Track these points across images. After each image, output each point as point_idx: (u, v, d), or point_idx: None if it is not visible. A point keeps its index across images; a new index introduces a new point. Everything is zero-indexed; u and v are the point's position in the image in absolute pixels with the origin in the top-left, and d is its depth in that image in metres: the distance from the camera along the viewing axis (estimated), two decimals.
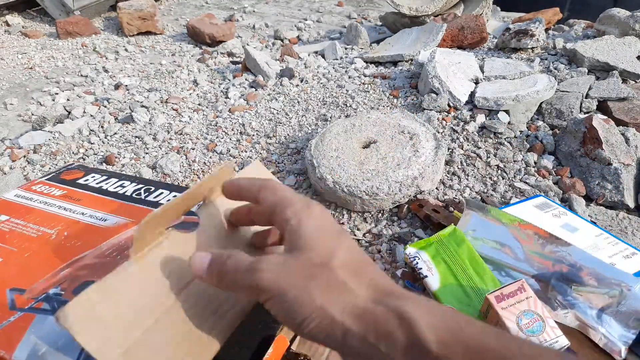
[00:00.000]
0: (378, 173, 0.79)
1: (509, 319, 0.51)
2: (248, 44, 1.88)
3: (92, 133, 1.19)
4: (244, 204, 0.36)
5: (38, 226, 0.48)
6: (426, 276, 0.61)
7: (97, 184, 0.57)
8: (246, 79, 1.39)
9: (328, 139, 0.89)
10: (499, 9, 2.01)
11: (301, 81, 1.31)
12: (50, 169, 1.05)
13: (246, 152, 1.04)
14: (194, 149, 1.07)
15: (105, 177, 0.59)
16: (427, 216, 0.75)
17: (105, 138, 1.16)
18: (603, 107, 1.04)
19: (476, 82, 1.15)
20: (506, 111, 1.01)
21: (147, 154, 1.07)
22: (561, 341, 0.50)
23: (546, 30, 1.59)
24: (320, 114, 1.14)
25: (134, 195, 0.54)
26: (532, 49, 1.39)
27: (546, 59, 1.30)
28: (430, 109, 1.05)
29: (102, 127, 1.22)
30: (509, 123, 1.00)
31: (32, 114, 1.36)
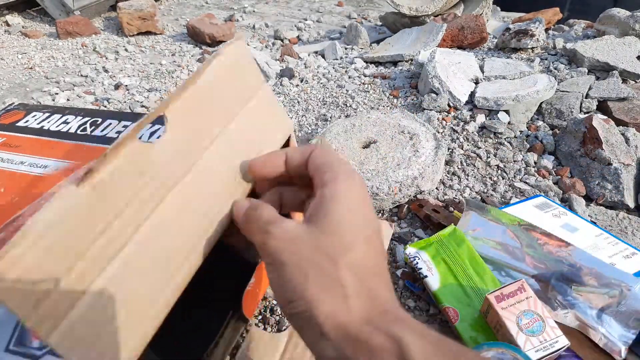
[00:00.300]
0: (378, 173, 0.79)
1: (509, 319, 0.51)
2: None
3: None
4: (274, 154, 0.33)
5: None
6: (426, 276, 0.61)
7: (38, 124, 0.51)
8: None
9: (328, 139, 0.89)
10: (499, 9, 2.01)
11: (301, 81, 1.31)
12: None
13: None
14: None
15: (47, 115, 0.52)
16: (427, 216, 0.75)
17: None
18: (603, 107, 1.04)
19: (476, 82, 1.15)
20: (506, 111, 1.01)
21: None
22: (561, 341, 0.50)
23: (546, 30, 1.59)
24: (320, 114, 1.14)
25: (78, 132, 0.49)
26: (532, 49, 1.39)
27: (546, 59, 1.30)
28: (430, 109, 1.05)
29: None
30: (509, 123, 1.00)
31: None
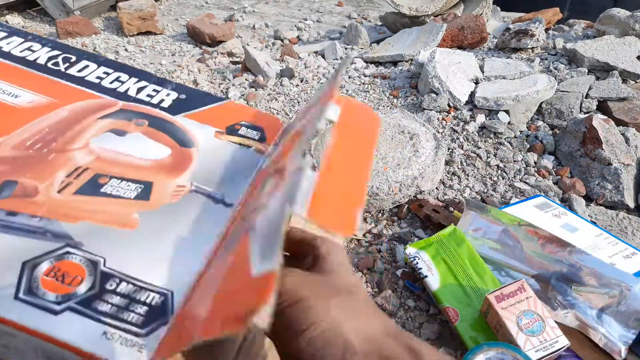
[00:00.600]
0: (378, 173, 0.79)
1: (509, 319, 0.51)
2: (248, 44, 1.88)
3: None
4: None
5: None
6: (426, 276, 0.61)
7: None
8: (246, 79, 1.39)
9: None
10: (499, 9, 2.01)
11: (301, 81, 1.31)
12: None
13: None
14: None
15: (4, 34, 0.46)
16: (427, 216, 0.75)
17: None
18: (603, 107, 1.04)
19: (476, 82, 1.15)
20: (506, 111, 1.01)
21: None
22: (561, 341, 0.50)
23: (546, 30, 1.59)
24: None
25: (50, 65, 0.44)
26: (532, 49, 1.39)
27: (546, 59, 1.30)
28: (430, 109, 1.05)
29: None
30: (509, 123, 1.00)
31: None
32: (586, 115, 0.95)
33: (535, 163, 0.91)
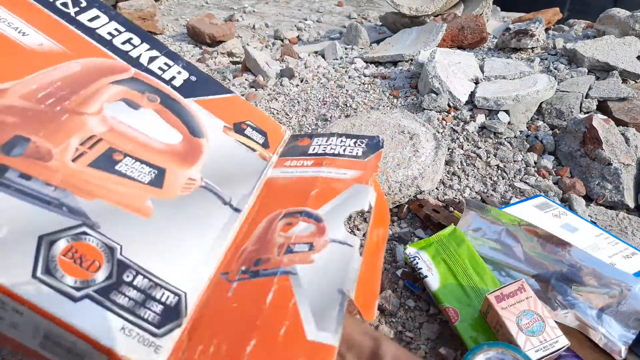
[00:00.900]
0: (378, 173, 0.79)
1: (509, 319, 0.51)
2: (248, 44, 1.88)
3: None
4: None
5: None
6: (426, 276, 0.61)
7: None
8: (246, 79, 1.39)
9: None
10: (499, 9, 2.01)
11: (301, 81, 1.31)
12: None
13: None
14: None
15: None
16: (427, 216, 0.75)
17: None
18: (603, 107, 1.04)
19: (476, 82, 1.15)
20: (506, 111, 1.01)
21: None
22: (561, 341, 0.50)
23: (546, 30, 1.59)
24: (320, 114, 1.14)
25: (58, 5, 0.40)
26: (532, 49, 1.39)
27: (546, 59, 1.30)
28: (430, 109, 1.05)
29: None
30: (509, 123, 1.00)
31: None
32: (586, 115, 0.96)
33: (535, 163, 0.91)
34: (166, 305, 0.31)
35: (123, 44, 0.42)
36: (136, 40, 0.44)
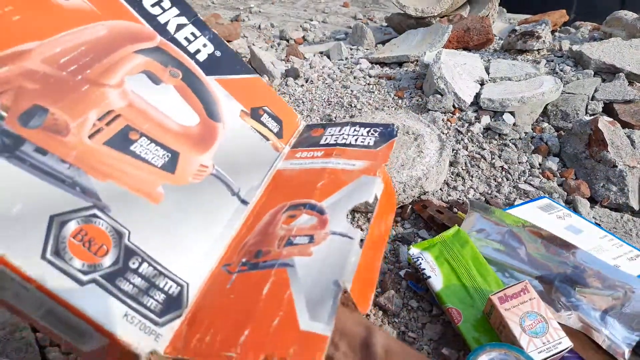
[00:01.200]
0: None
1: (513, 320, 0.51)
2: (254, 44, 1.88)
3: None
4: None
5: None
6: (429, 277, 0.61)
7: None
8: None
9: None
10: (505, 10, 2.01)
11: (306, 81, 1.32)
12: None
13: None
14: None
15: None
16: (431, 217, 0.75)
17: None
18: (609, 109, 1.03)
19: (481, 84, 1.15)
20: (511, 113, 1.01)
21: None
22: (564, 343, 0.50)
23: (552, 32, 1.59)
24: (325, 114, 1.14)
25: None
26: (538, 50, 1.38)
27: (552, 61, 1.29)
28: (435, 110, 1.05)
29: None
30: (514, 124, 1.00)
31: None
32: (592, 117, 0.95)
33: (540, 165, 0.91)
34: (168, 294, 0.31)
35: (153, 6, 0.41)
36: (166, 3, 0.42)
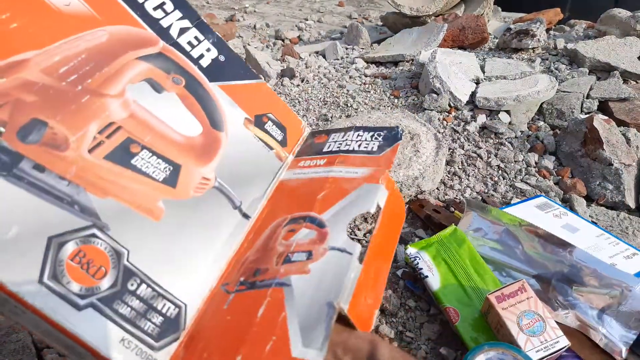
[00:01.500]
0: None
1: (510, 319, 0.51)
2: (249, 44, 1.88)
3: None
4: None
5: None
6: (427, 276, 0.61)
7: None
8: None
9: None
10: (500, 9, 2.01)
11: (302, 81, 1.31)
12: None
13: None
14: None
15: None
16: (428, 216, 0.75)
17: None
18: (604, 107, 1.04)
19: (477, 82, 1.15)
20: (507, 111, 1.01)
21: None
22: (562, 341, 0.50)
23: (547, 30, 1.59)
24: (321, 114, 1.14)
25: None
26: (533, 49, 1.39)
27: (547, 59, 1.29)
28: (431, 109, 1.05)
29: None
30: (509, 123, 1.00)
31: None
32: (587, 115, 0.95)
33: (536, 163, 0.91)
34: (166, 317, 0.30)
35: (155, 9, 0.39)
36: (169, 6, 0.41)
